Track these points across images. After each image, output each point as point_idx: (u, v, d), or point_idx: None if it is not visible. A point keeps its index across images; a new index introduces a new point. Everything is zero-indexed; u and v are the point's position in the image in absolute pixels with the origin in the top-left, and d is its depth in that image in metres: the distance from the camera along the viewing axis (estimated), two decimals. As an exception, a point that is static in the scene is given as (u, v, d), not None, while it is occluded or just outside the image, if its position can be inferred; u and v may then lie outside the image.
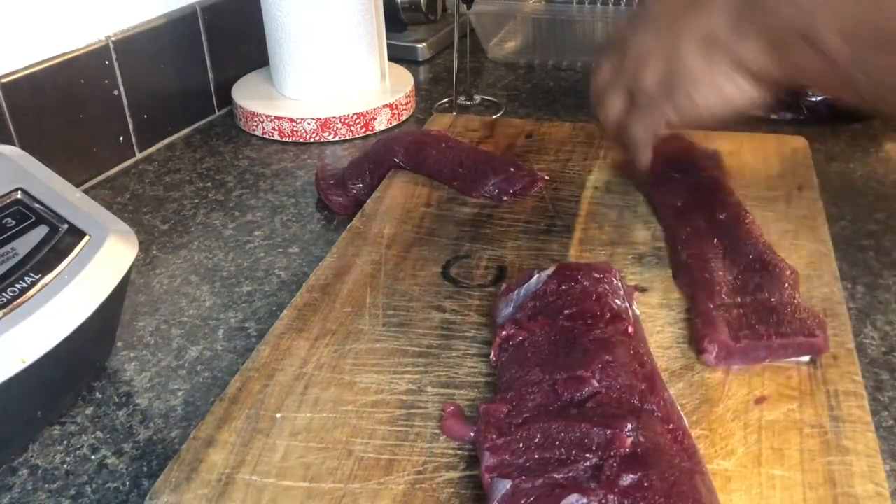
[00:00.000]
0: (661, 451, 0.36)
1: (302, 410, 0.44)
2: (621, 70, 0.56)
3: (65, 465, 0.45)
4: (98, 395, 0.50)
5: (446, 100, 0.94)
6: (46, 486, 0.44)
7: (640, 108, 0.56)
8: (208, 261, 0.64)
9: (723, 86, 0.50)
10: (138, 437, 0.47)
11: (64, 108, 0.73)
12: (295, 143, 0.84)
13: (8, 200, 0.47)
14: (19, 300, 0.42)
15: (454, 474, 0.40)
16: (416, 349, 0.48)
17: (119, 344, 0.55)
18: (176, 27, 0.83)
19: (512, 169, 0.65)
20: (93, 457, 0.46)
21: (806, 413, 0.42)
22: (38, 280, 0.43)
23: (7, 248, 0.44)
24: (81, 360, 0.49)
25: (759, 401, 0.43)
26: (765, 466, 0.39)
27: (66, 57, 0.72)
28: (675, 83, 0.52)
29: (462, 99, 0.92)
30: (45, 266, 0.44)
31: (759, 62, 0.48)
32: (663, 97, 0.53)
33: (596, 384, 0.40)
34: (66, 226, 0.47)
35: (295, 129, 0.84)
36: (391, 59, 0.94)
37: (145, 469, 0.45)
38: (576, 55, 1.03)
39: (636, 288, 0.53)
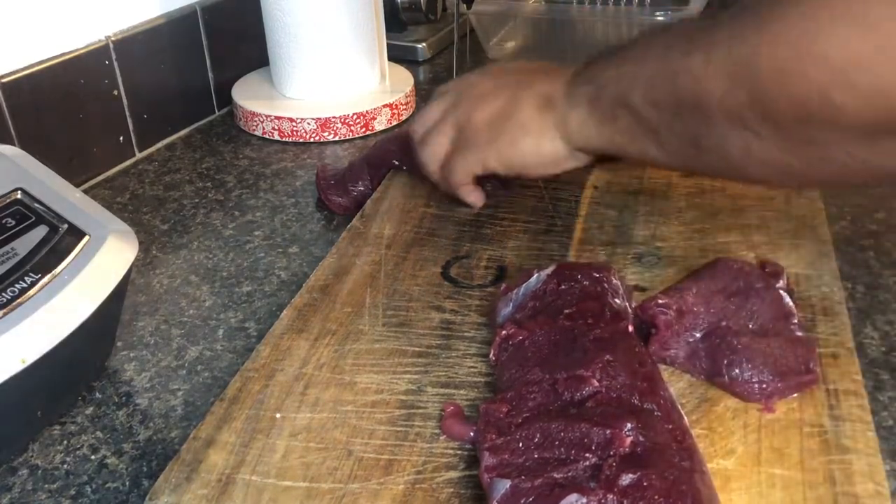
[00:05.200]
0: (660, 451, 0.36)
1: (302, 410, 0.44)
2: (454, 109, 0.59)
3: (65, 465, 0.45)
4: (98, 395, 0.50)
5: (446, 100, 0.93)
6: (46, 486, 0.44)
7: (463, 148, 0.58)
8: (208, 261, 0.64)
9: (544, 144, 0.54)
10: (138, 437, 0.47)
11: (64, 108, 0.73)
12: (295, 143, 0.84)
13: (8, 200, 0.47)
14: (19, 300, 0.42)
15: (454, 474, 0.40)
16: (416, 349, 0.48)
17: (119, 344, 0.55)
18: (176, 27, 0.83)
19: None
20: (93, 457, 0.46)
21: (806, 412, 0.42)
22: (38, 280, 0.43)
23: (7, 248, 0.44)
24: (81, 360, 0.49)
25: (759, 400, 0.43)
26: (765, 465, 0.39)
27: (66, 57, 0.72)
28: (505, 127, 0.55)
29: (462, 99, 0.92)
30: (45, 266, 0.44)
31: (584, 131, 0.52)
32: (489, 138, 0.56)
33: (596, 383, 0.40)
34: (65, 226, 0.47)
35: (295, 129, 0.84)
36: (391, 59, 0.94)
37: (145, 469, 0.45)
38: (576, 55, 1.03)
39: (636, 288, 0.53)
